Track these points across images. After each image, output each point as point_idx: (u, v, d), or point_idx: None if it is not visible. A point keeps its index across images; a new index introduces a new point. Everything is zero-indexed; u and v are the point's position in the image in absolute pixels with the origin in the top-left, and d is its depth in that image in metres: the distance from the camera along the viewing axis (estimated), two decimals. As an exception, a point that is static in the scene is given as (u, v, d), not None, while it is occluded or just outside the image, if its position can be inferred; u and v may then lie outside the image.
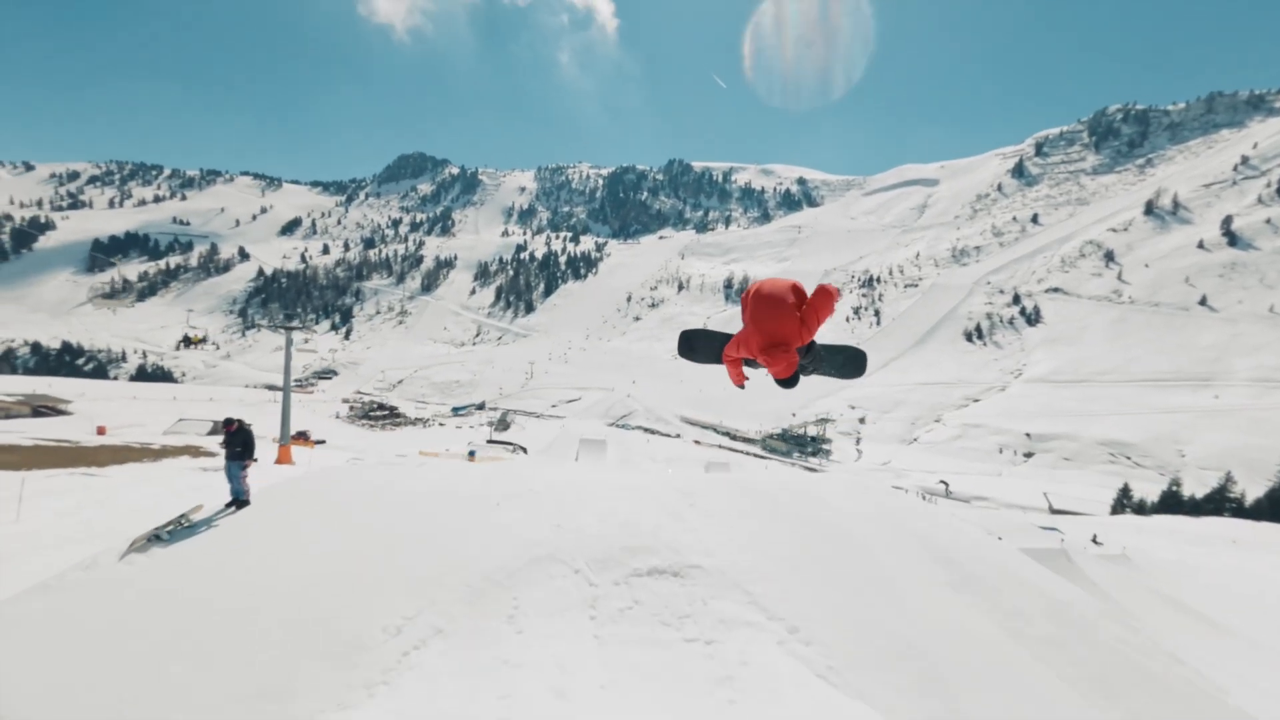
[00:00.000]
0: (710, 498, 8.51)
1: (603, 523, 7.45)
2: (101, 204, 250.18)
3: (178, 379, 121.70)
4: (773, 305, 2.22)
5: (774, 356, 2.20)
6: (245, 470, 8.23)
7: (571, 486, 7.19)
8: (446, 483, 6.81)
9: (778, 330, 2.20)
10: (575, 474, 6.97)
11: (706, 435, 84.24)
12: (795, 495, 9.01)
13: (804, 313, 2.20)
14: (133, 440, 22.36)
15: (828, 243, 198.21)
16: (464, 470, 4.37)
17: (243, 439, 8.33)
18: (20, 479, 8.88)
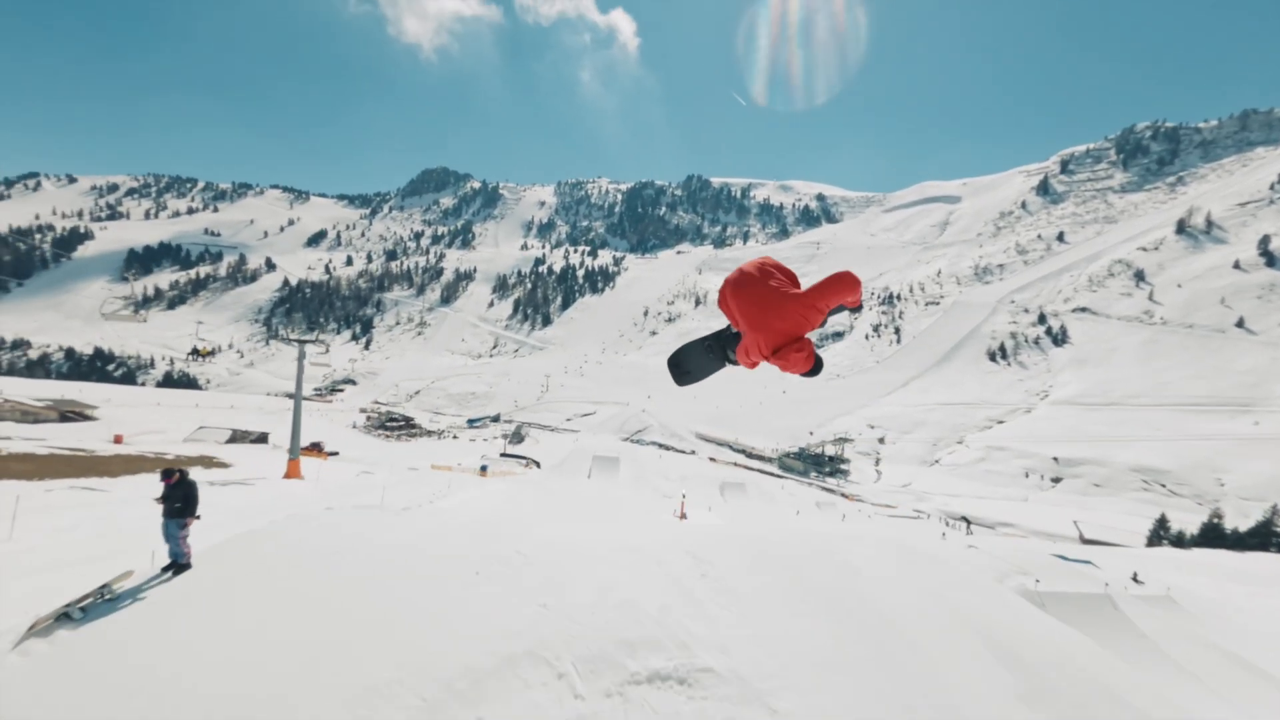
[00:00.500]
0: (725, 564, 7.35)
1: (598, 601, 6.34)
2: (138, 215, 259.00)
3: (202, 386, 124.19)
4: (762, 300, 1.94)
5: (788, 357, 1.92)
6: (185, 529, 7.17)
7: (566, 549, 6.10)
8: (423, 540, 5.64)
9: (781, 327, 1.92)
10: (572, 532, 5.87)
11: (722, 452, 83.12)
12: (822, 561, 7.97)
13: (805, 294, 1.91)
14: (148, 450, 22.45)
15: (847, 259, 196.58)
16: (448, 521, 3.87)
17: (184, 493, 7.33)
18: (15, 496, 8.64)
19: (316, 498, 15.38)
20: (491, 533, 4.31)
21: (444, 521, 4.03)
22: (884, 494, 64.40)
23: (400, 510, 4.15)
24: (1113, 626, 10.51)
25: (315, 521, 3.39)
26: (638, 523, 19.09)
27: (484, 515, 4.17)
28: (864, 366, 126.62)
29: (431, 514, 4.09)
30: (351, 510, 4.20)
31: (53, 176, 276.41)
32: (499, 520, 4.32)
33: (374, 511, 4.15)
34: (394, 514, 4.04)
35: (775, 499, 39.64)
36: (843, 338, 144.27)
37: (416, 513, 4.05)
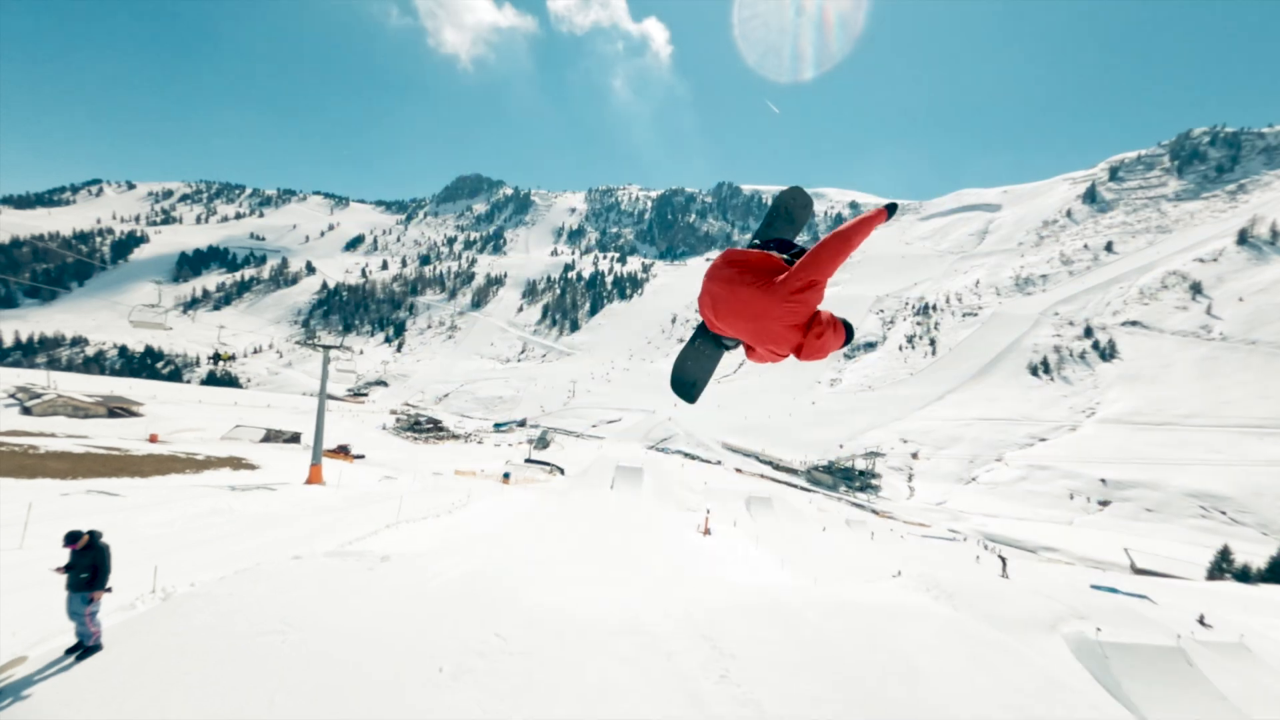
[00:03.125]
0: (749, 656, 5.86)
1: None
2: (190, 220, 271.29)
3: (243, 385, 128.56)
4: (749, 311, 1.75)
5: (811, 350, 1.79)
6: (94, 604, 5.67)
7: (556, 630, 4.72)
8: (386, 621, 4.21)
9: (783, 329, 1.76)
10: (567, 602, 4.57)
11: (748, 463, 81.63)
12: (871, 650, 6.58)
13: (790, 276, 1.71)
14: (180, 450, 22.90)
15: (881, 268, 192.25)
16: (428, 580, 3.38)
17: (92, 560, 5.77)
18: (28, 503, 8.57)
19: (333, 505, 15.26)
20: (474, 599, 3.56)
21: (423, 580, 3.46)
22: (917, 511, 62.08)
23: (380, 560, 3.68)
24: (1185, 685, 9.41)
25: (270, 582, 2.97)
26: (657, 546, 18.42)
27: (473, 569, 3.58)
28: (897, 378, 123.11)
29: (411, 567, 3.61)
30: (323, 559, 3.76)
31: (114, 183, 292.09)
32: (489, 577, 3.69)
33: (348, 562, 3.68)
34: (371, 565, 3.58)
35: (803, 515, 38.41)
36: (875, 348, 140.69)
37: (395, 566, 3.58)
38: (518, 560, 6.09)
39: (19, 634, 5.72)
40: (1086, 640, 9.50)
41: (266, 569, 3.14)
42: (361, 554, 4.18)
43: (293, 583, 2.93)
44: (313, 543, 11.36)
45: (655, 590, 3.88)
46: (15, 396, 49.26)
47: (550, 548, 9.42)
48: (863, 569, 22.26)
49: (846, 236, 1.69)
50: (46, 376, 62.92)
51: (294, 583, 2.94)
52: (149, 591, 7.47)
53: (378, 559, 4.06)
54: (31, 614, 6.35)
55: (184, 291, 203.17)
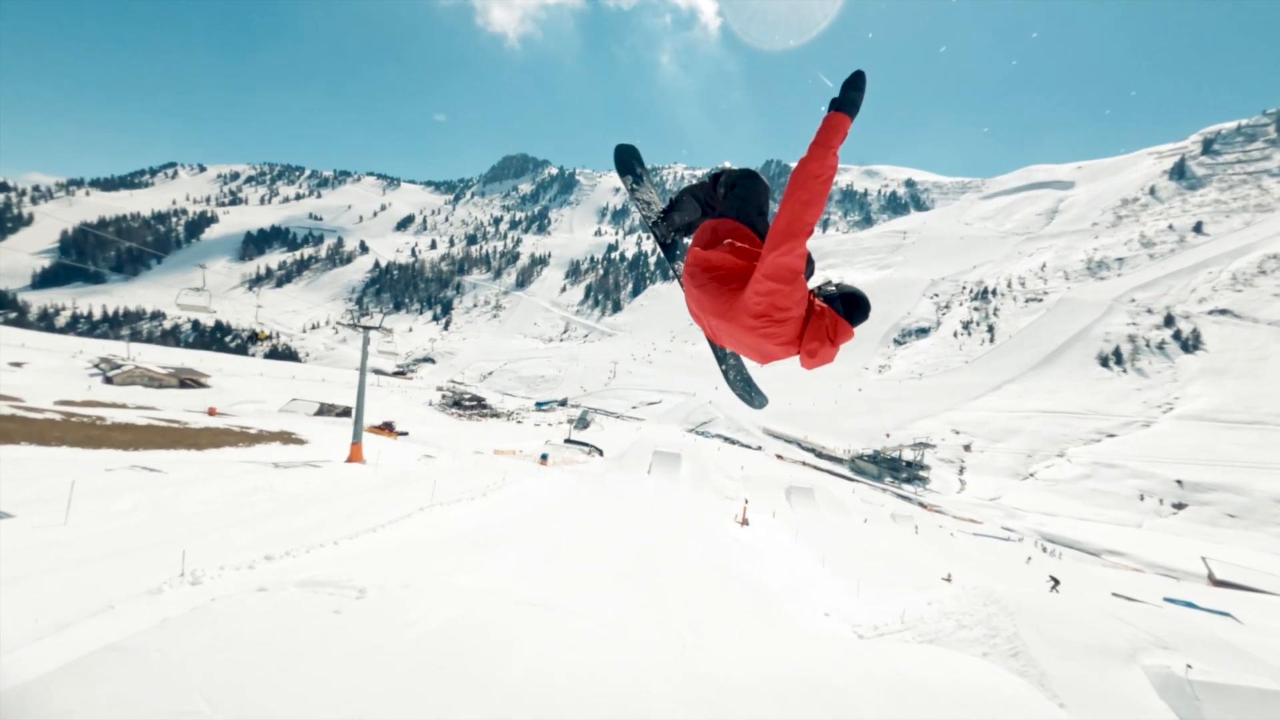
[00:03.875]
0: None
1: None
2: (255, 201, 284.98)
3: (301, 359, 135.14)
4: (733, 321, 1.78)
5: (808, 362, 1.80)
6: None
7: None
8: (331, 698, 2.90)
9: (779, 351, 1.79)
10: (559, 683, 3.37)
11: (789, 450, 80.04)
12: None
13: (758, 268, 1.69)
14: (235, 424, 23.92)
15: (936, 250, 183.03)
16: (390, 642, 2.85)
17: None
18: (71, 481, 8.78)
19: (371, 485, 15.43)
20: (451, 663, 3.08)
21: (395, 631, 3.04)
22: (968, 507, 59.40)
23: (355, 595, 3.29)
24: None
25: (214, 630, 2.58)
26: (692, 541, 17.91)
27: (459, 614, 3.10)
28: (950, 366, 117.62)
29: (389, 607, 3.22)
30: (293, 591, 3.38)
31: (187, 166, 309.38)
32: (476, 626, 3.22)
33: (319, 597, 3.30)
34: (341, 604, 3.18)
35: (845, 506, 37.14)
36: (927, 334, 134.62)
37: (370, 605, 3.16)
38: (525, 586, 5.67)
39: (39, 620, 5.71)
40: (1174, 678, 8.43)
41: (220, 610, 2.81)
42: (337, 585, 3.79)
43: (238, 634, 2.58)
44: (347, 524, 11.42)
45: (667, 654, 3.41)
46: (99, 366, 53.06)
47: (566, 561, 9.05)
48: (909, 568, 21.17)
49: (800, 206, 1.57)
50: (127, 348, 67.61)
51: (240, 634, 2.58)
52: (178, 575, 7.51)
53: (354, 593, 3.65)
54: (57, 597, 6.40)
55: (249, 269, 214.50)
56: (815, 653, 4.49)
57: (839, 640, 5.93)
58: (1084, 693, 8.50)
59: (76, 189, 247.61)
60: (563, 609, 3.87)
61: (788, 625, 10.75)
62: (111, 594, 6.72)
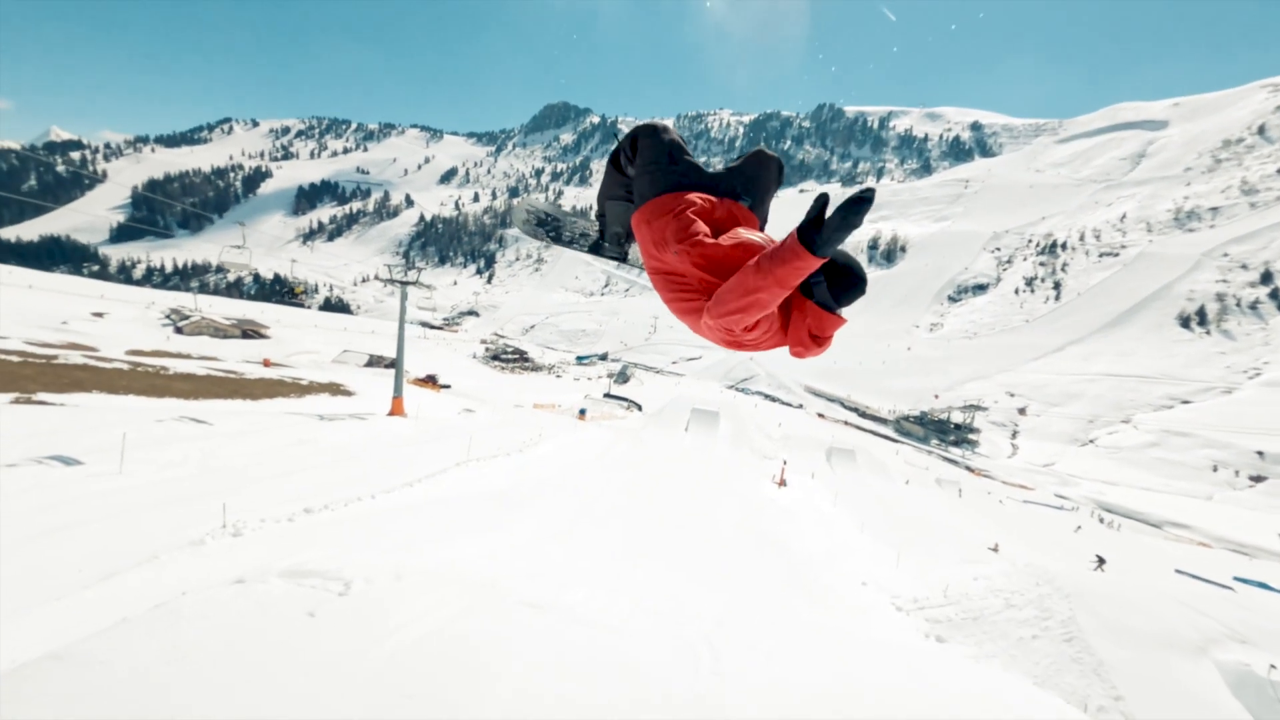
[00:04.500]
0: None
1: None
2: (305, 155, 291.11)
3: (353, 311, 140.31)
4: (713, 338, 1.62)
5: (798, 354, 1.61)
6: None
7: None
8: None
9: (762, 344, 1.62)
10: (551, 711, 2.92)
11: (832, 409, 78.53)
12: None
13: (710, 311, 1.53)
14: (287, 375, 24.94)
15: (1001, 199, 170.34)
16: (361, 659, 2.54)
17: None
18: (122, 434, 9.13)
19: (410, 439, 15.76)
20: (424, 686, 2.73)
21: (370, 644, 2.73)
22: (1019, 473, 57.17)
23: (338, 593, 3.07)
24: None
25: (172, 634, 2.39)
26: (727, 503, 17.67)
27: (446, 621, 2.81)
28: (1009, 325, 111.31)
29: (370, 608, 2.99)
30: (276, 585, 3.18)
31: (242, 121, 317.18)
32: (462, 637, 2.85)
33: (300, 592, 3.10)
34: (318, 603, 2.94)
35: (888, 470, 36.22)
36: (985, 291, 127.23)
37: (350, 606, 2.93)
38: (539, 561, 5.33)
39: (84, 569, 5.94)
40: (1252, 676, 7.70)
41: (185, 609, 2.65)
42: (323, 576, 3.59)
43: (195, 643, 2.40)
44: (385, 478, 11.65)
45: (678, 680, 3.06)
46: (170, 317, 56.39)
47: (591, 526, 8.86)
48: (953, 536, 20.47)
49: (752, 286, 1.36)
50: (194, 300, 71.51)
51: (197, 643, 2.41)
52: (219, 527, 7.76)
53: (338, 588, 3.44)
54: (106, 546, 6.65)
55: (302, 224, 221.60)
56: (857, 681, 4.06)
57: (888, 656, 5.44)
58: (1146, 685, 7.90)
59: (143, 145, 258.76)
60: (565, 611, 3.59)
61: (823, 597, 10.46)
62: (157, 544, 6.98)
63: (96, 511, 7.66)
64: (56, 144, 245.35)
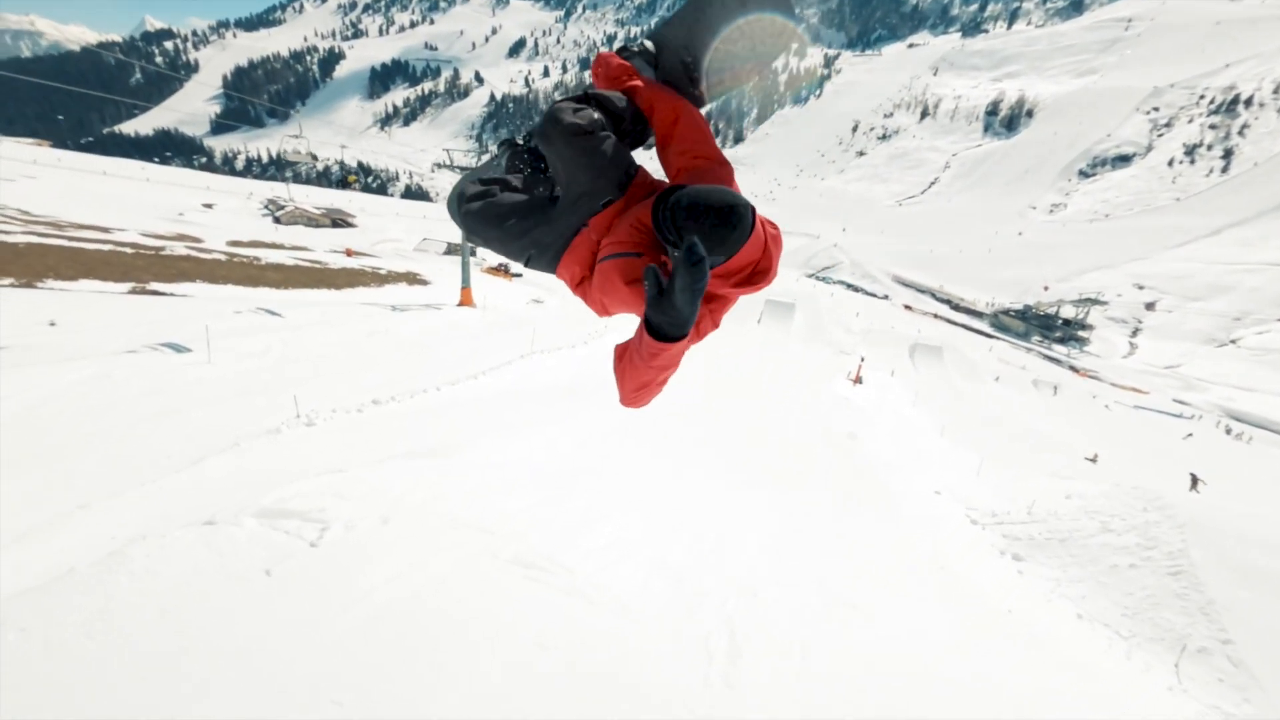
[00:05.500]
0: None
1: None
2: (374, 32, 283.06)
3: (432, 198, 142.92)
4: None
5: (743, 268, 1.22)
6: None
7: None
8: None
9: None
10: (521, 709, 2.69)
11: (922, 300, 73.07)
12: None
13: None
14: (368, 265, 25.93)
15: (1172, 44, 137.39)
16: (315, 630, 2.22)
17: None
18: (205, 326, 9.67)
19: (477, 330, 16.06)
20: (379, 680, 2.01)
21: (336, 610, 2.41)
22: (1134, 375, 51.68)
23: (311, 542, 2.79)
24: None
25: (108, 589, 2.08)
26: (795, 400, 17.00)
27: (423, 584, 2.43)
28: (1153, 204, 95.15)
29: (346, 559, 2.66)
30: (248, 525, 2.89)
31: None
32: (437, 610, 2.47)
33: (274, 535, 2.86)
34: (287, 554, 2.62)
35: (977, 369, 33.68)
36: (1129, 163, 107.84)
37: (320, 559, 2.61)
38: (557, 496, 4.78)
39: (172, 456, 6.44)
40: None
41: (135, 562, 2.48)
42: (303, 518, 3.36)
43: (133, 605, 2.21)
44: (451, 369, 11.96)
45: (679, 687, 2.57)
46: (267, 207, 59.87)
47: (639, 431, 8.51)
48: (1046, 445, 18.95)
49: (639, 369, 1.22)
50: (287, 190, 75.12)
51: (134, 605, 2.22)
52: (294, 416, 8.23)
53: (312, 535, 3.20)
54: (194, 433, 7.19)
55: (378, 108, 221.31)
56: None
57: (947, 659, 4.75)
58: (1265, 633, 7.00)
59: (225, 31, 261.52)
60: (564, 576, 3.24)
61: (890, 507, 9.97)
62: (239, 432, 7.50)
63: (189, 398, 8.31)
64: (151, 34, 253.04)
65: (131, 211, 35.34)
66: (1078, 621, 7.56)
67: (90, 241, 17.70)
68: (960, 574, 7.80)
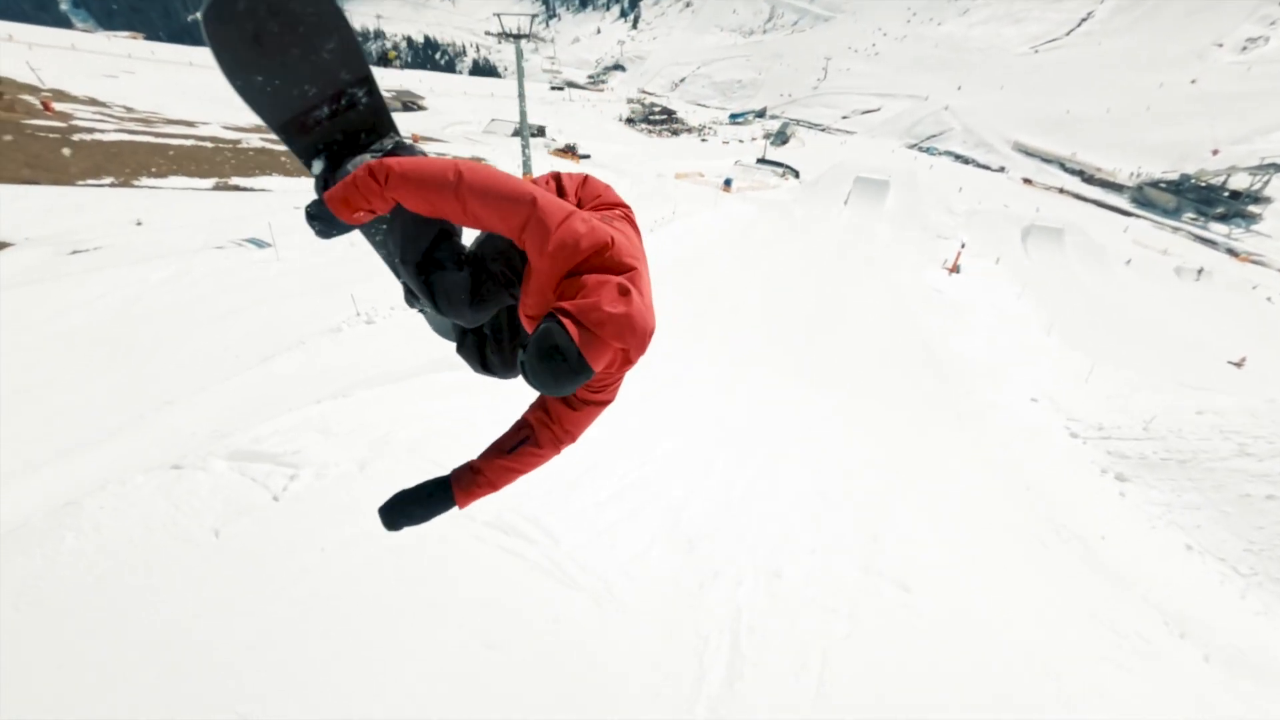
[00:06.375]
0: None
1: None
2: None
3: (500, 74, 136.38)
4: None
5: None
6: None
7: None
8: None
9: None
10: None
11: (1047, 172, 63.00)
12: None
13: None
14: (434, 152, 25.44)
15: None
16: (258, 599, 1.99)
17: None
18: (268, 223, 9.79)
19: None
20: (311, 670, 2.25)
21: (284, 579, 2.06)
22: (1312, 259, 42.96)
23: (273, 496, 2.45)
24: None
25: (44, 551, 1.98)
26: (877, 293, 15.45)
27: (384, 551, 2.12)
28: (1398, 32, 72.73)
29: (306, 513, 2.43)
30: (218, 469, 2.67)
31: None
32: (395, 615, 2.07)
33: (245, 481, 2.63)
34: (246, 508, 2.43)
35: (1105, 255, 29.08)
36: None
37: (284, 511, 2.37)
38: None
39: (241, 356, 6.75)
40: None
41: (87, 515, 2.34)
42: (275, 461, 3.13)
43: (67, 565, 2.10)
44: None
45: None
46: (340, 92, 59.53)
47: (692, 337, 7.84)
48: (1181, 347, 16.41)
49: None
50: (357, 72, 74.07)
51: (72, 570, 2.10)
52: (354, 315, 8.38)
53: (279, 486, 2.95)
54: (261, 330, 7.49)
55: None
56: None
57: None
58: None
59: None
60: (544, 545, 2.83)
61: (976, 417, 9.07)
62: (304, 330, 7.75)
63: (259, 295, 8.65)
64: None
65: (216, 103, 36.29)
66: (1186, 553, 6.74)
67: (176, 137, 18.34)
68: (1048, 495, 7.05)
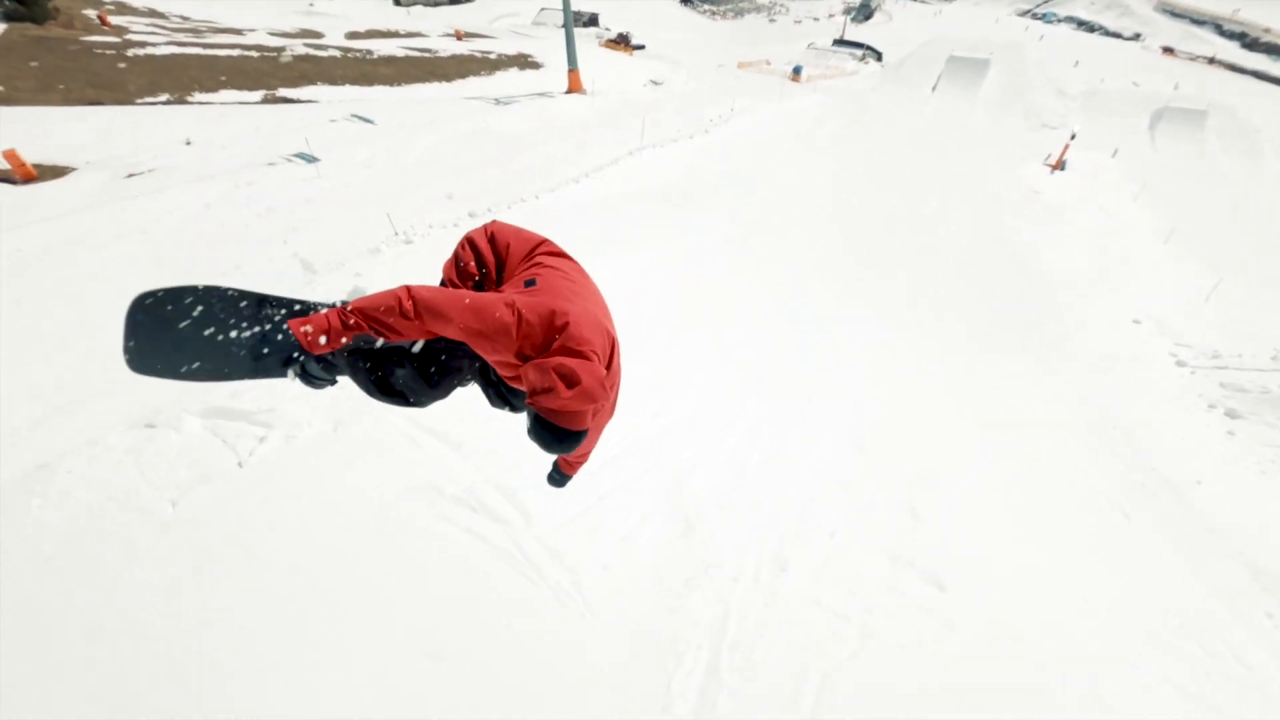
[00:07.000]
0: None
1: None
2: None
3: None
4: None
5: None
6: None
7: None
8: None
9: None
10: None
11: (1197, 36, 52.12)
12: None
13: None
14: (478, 50, 23.96)
15: None
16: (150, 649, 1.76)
17: None
18: (304, 138, 9.59)
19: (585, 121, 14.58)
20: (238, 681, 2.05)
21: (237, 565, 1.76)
22: None
23: (237, 462, 2.26)
24: None
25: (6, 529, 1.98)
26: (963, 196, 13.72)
27: (338, 533, 1.92)
28: None
29: (272, 489, 2.21)
30: (190, 428, 2.44)
31: None
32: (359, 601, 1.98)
33: (215, 443, 2.40)
34: (215, 475, 2.25)
35: (1258, 140, 24.22)
36: None
37: (248, 479, 2.16)
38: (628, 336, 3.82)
39: (288, 276, 6.82)
40: None
41: (58, 479, 2.24)
42: (248, 421, 2.95)
43: (23, 545, 1.99)
44: (551, 172, 11.12)
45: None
46: (386, -13, 56.65)
47: (751, 253, 7.06)
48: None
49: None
50: (402, -38, 69.68)
51: (26, 545, 2.00)
52: (392, 234, 8.26)
53: (247, 450, 2.79)
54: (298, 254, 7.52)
55: None
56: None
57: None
58: None
59: None
60: (514, 526, 2.53)
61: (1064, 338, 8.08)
62: (344, 251, 7.73)
63: (302, 216, 8.65)
64: None
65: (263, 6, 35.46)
66: (1301, 503, 5.92)
67: (224, 47, 18.11)
68: (1138, 435, 6.28)
